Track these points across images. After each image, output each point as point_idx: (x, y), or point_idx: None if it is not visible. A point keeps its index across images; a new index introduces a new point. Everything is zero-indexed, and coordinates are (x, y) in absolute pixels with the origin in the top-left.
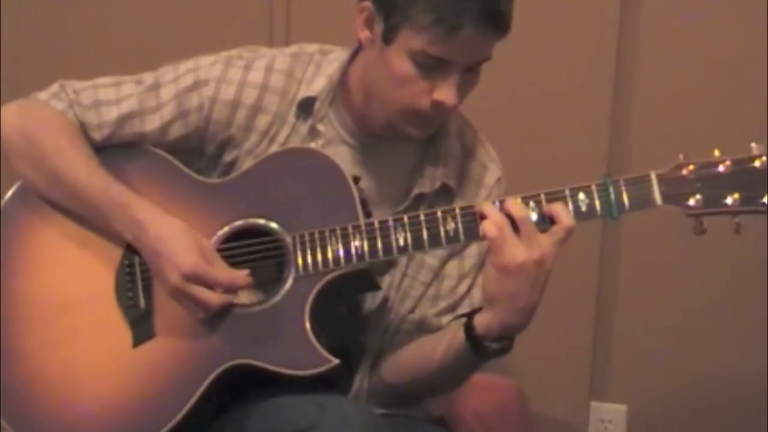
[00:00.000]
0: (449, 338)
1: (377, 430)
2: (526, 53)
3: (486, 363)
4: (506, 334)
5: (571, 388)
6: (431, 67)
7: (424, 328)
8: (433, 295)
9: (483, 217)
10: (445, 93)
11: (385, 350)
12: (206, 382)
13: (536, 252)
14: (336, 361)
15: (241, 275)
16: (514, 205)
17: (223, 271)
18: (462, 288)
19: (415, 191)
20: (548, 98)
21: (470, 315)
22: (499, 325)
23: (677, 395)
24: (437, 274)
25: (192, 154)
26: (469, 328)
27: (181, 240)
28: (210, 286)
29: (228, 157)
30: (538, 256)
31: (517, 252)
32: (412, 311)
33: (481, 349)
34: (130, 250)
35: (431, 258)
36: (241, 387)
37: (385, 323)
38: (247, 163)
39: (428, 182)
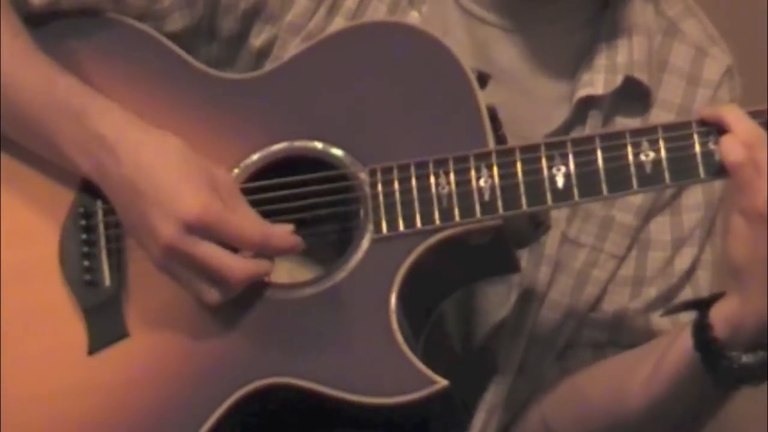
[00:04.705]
0: (664, 349)
1: None
2: None
3: (733, 392)
4: None
5: None
6: None
7: (620, 334)
8: (632, 276)
9: (720, 131)
10: None
11: (546, 377)
12: (215, 416)
13: None
14: (443, 382)
15: (283, 230)
16: None
17: (253, 221)
18: (682, 262)
19: (580, 92)
20: None
21: (703, 305)
22: (756, 318)
23: None
24: (634, 238)
25: (196, 36)
26: (701, 328)
27: (179, 167)
28: (230, 243)
29: (258, 39)
30: None
31: None
32: (594, 308)
33: (721, 363)
34: (87, 190)
35: (622, 211)
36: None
37: (532, 327)
38: (291, 50)
39: (602, 77)
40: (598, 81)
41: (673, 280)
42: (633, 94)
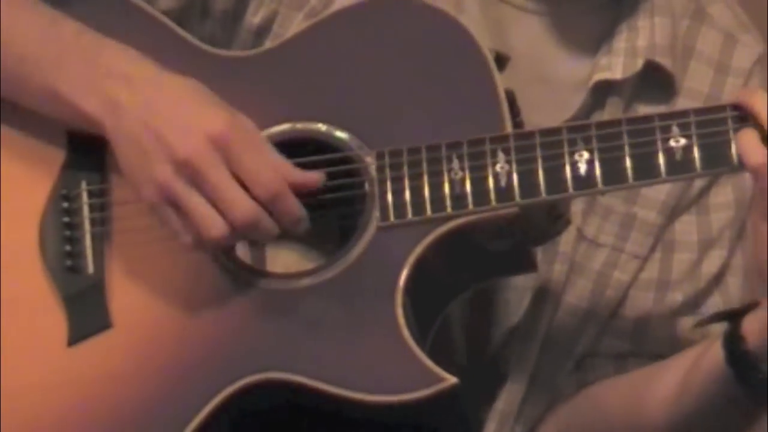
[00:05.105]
0: (692, 362)
1: None
2: None
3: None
4: None
5: None
6: None
7: (643, 343)
8: (655, 279)
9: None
10: None
11: (563, 390)
12: (203, 413)
13: None
14: (452, 379)
15: (311, 175)
16: None
17: (277, 161)
18: (710, 266)
19: (597, 77)
20: None
21: (735, 315)
22: None
23: None
24: (658, 237)
25: (189, 13)
26: (733, 341)
27: (203, 98)
28: (244, 177)
29: (256, 16)
30: None
31: None
32: (614, 313)
33: (755, 378)
34: (71, 169)
35: (644, 208)
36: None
37: (546, 332)
38: (292, 27)
39: (620, 60)
40: (616, 65)
41: (701, 284)
42: (655, 81)
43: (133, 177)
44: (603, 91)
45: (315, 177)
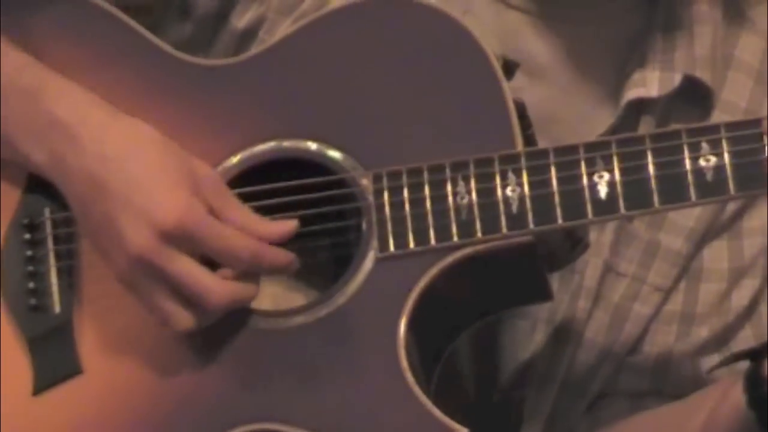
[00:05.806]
0: (715, 405)
1: None
2: None
3: None
4: None
5: None
6: None
7: (663, 382)
8: (679, 312)
9: None
10: None
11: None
12: None
13: None
14: (463, 430)
15: (282, 226)
16: None
17: (243, 229)
18: (741, 297)
19: (630, 94)
20: None
21: (757, 355)
22: None
23: None
24: (684, 267)
25: (166, 13)
26: (754, 382)
27: (154, 160)
28: (213, 257)
29: (242, 20)
30: None
31: None
32: (633, 349)
33: None
34: (33, 196)
35: (670, 235)
36: None
37: (565, 371)
38: (280, 32)
39: (656, 76)
40: (651, 81)
41: (730, 318)
42: (692, 96)
43: (91, 240)
44: (636, 109)
45: (287, 227)
